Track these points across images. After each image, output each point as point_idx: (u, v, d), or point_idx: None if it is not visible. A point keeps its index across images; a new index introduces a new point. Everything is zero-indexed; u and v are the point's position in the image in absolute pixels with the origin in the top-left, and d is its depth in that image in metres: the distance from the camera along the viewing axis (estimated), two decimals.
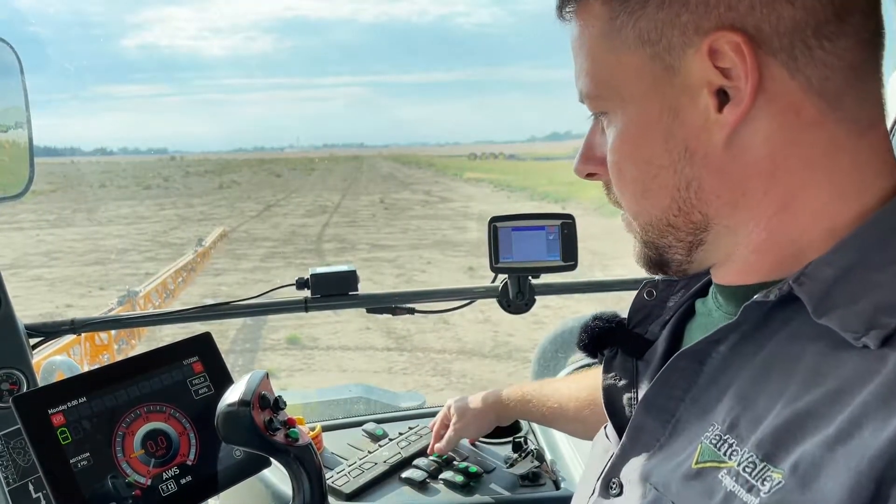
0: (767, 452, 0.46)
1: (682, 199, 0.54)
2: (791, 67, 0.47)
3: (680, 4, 0.49)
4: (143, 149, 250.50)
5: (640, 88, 0.53)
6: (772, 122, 0.49)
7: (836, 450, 0.42)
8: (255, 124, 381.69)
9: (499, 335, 9.91)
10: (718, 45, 0.48)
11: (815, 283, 0.48)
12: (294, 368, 8.93)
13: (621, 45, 0.53)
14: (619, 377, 0.68)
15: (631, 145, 0.55)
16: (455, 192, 37.49)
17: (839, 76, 0.48)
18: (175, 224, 26.60)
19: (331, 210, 30.43)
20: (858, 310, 0.46)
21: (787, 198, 0.50)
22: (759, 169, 0.50)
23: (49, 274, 16.57)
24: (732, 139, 0.50)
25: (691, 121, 0.51)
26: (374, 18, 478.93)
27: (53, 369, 1.33)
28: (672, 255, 0.57)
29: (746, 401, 0.50)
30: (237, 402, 0.86)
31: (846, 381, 0.44)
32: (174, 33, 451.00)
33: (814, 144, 0.49)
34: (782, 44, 0.47)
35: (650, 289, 0.70)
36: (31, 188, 1.18)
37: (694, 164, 0.52)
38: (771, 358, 0.50)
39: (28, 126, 1.14)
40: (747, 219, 0.52)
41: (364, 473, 1.17)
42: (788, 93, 0.48)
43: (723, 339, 0.54)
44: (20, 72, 1.11)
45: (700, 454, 0.51)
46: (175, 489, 0.89)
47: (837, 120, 0.49)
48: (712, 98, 0.50)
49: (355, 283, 1.35)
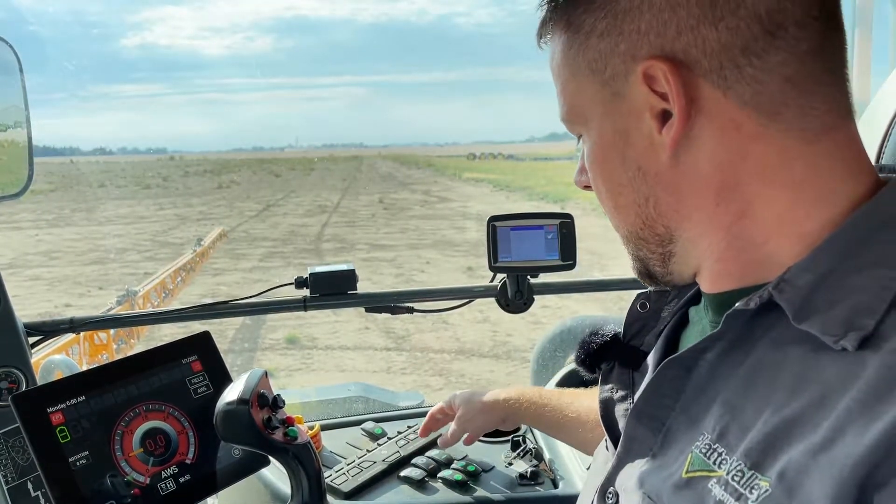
0: (755, 461, 0.46)
1: (644, 214, 0.57)
2: (722, 86, 0.50)
3: (617, 34, 0.53)
4: (143, 148, 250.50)
5: (596, 113, 0.57)
6: (713, 139, 0.51)
7: (820, 457, 0.42)
8: (254, 124, 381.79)
9: (497, 335, 9.91)
10: (652, 72, 0.51)
11: (795, 290, 0.49)
12: (293, 368, 8.92)
13: (578, 73, 0.57)
14: (616, 389, 0.69)
15: (598, 165, 0.59)
16: (454, 192, 37.48)
17: (774, 90, 0.49)
18: (174, 224, 26.58)
19: (330, 210, 30.42)
20: (837, 313, 0.47)
21: (743, 207, 0.52)
22: (709, 183, 0.52)
23: (48, 273, 16.56)
24: (677, 157, 0.53)
25: (639, 142, 0.54)
26: (374, 18, 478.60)
27: (52, 368, 1.33)
28: (653, 266, 0.60)
29: (735, 409, 0.50)
30: (236, 401, 0.87)
31: (829, 387, 0.45)
32: (173, 33, 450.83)
33: (762, 155, 0.50)
34: (711, 65, 0.49)
35: (643, 300, 0.72)
36: (30, 187, 1.18)
37: (647, 181, 0.55)
38: (756, 365, 0.51)
39: (27, 125, 1.14)
40: (706, 230, 0.55)
41: (363, 472, 1.17)
42: (725, 110, 0.50)
43: (709, 348, 0.55)
44: (19, 71, 1.12)
45: (690, 463, 0.51)
46: (174, 488, 0.89)
47: (781, 131, 0.50)
48: (654, 120, 0.53)
49: (354, 282, 1.35)
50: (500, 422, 1.14)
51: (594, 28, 0.54)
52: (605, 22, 0.53)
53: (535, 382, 1.94)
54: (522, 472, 1.17)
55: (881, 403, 0.41)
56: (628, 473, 0.59)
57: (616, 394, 0.69)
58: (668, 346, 0.67)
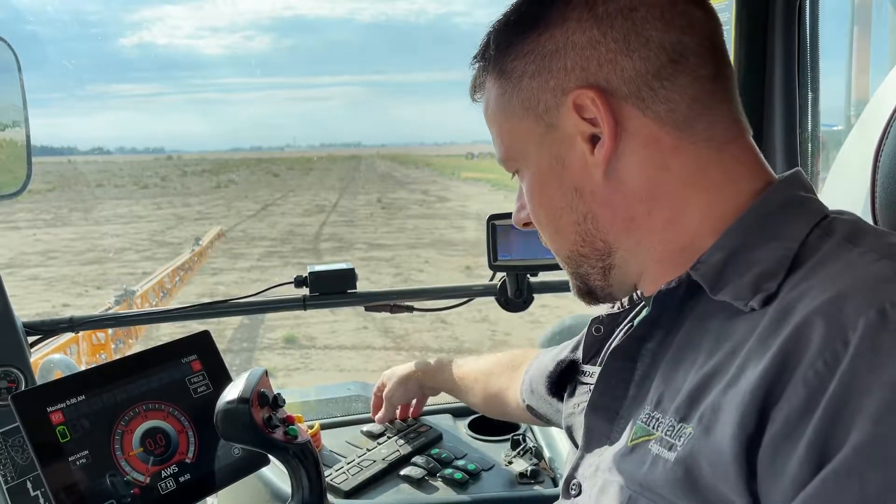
0: (683, 415, 0.54)
1: (584, 232, 0.63)
2: (641, 107, 0.58)
3: (547, 72, 0.60)
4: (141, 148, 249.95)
5: (533, 146, 0.64)
6: (638, 154, 0.59)
7: (729, 393, 0.50)
8: (252, 124, 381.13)
9: (496, 334, 9.92)
10: (581, 101, 0.59)
11: (708, 267, 0.57)
12: (291, 368, 8.93)
13: (512, 114, 0.64)
14: (578, 404, 0.76)
15: (537, 194, 0.66)
16: (452, 192, 37.49)
17: (684, 107, 0.58)
18: (172, 223, 26.56)
19: (328, 209, 30.41)
20: (744, 281, 0.55)
21: (672, 213, 0.59)
22: (639, 194, 0.60)
23: (46, 273, 16.54)
24: (609, 174, 0.60)
25: (574, 165, 0.61)
26: (373, 18, 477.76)
27: (51, 367, 1.33)
28: (593, 281, 0.66)
29: (668, 380, 0.58)
30: (236, 400, 0.87)
31: (739, 340, 0.53)
32: (172, 32, 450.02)
33: (682, 165, 0.58)
34: (630, 89, 0.58)
35: (598, 325, 0.78)
36: (28, 187, 1.18)
37: (584, 200, 0.62)
38: (686, 340, 0.59)
39: (25, 124, 1.14)
40: (642, 238, 0.61)
41: (363, 471, 1.17)
42: (644, 127, 0.58)
43: (648, 337, 0.62)
44: (18, 70, 1.11)
45: (633, 433, 0.59)
46: (174, 487, 0.89)
47: (695, 142, 0.58)
48: (586, 144, 0.60)
49: (353, 281, 1.35)
50: (418, 390, 1.28)
51: (525, 71, 0.62)
52: (534, 65, 0.61)
53: None
54: (522, 470, 1.17)
55: (772, 337, 0.49)
56: (588, 462, 0.65)
57: (577, 408, 0.75)
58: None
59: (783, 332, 0.49)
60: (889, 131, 0.96)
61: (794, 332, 0.48)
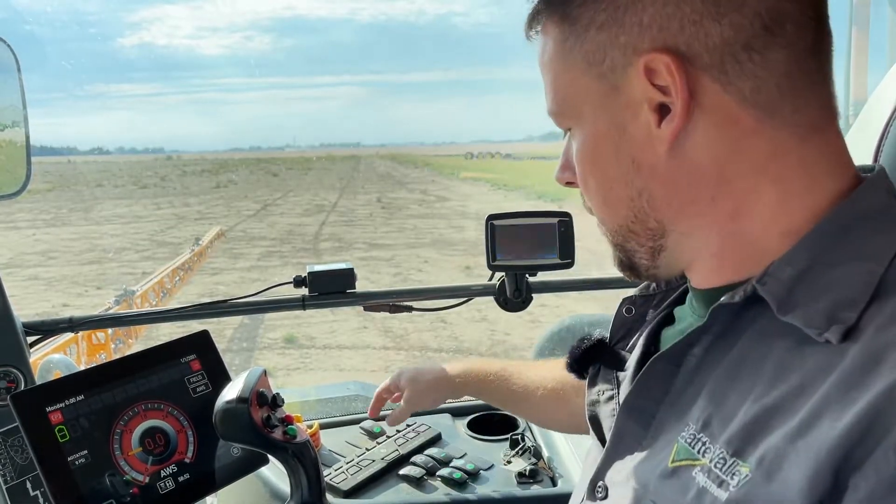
0: (737, 448, 0.48)
1: (636, 208, 0.57)
2: (723, 81, 0.50)
3: (618, 27, 0.52)
4: (140, 148, 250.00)
5: (591, 106, 0.56)
6: (711, 133, 0.51)
7: (798, 442, 0.44)
8: (252, 124, 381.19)
9: (496, 334, 9.92)
10: (653, 65, 0.51)
11: (778, 283, 0.50)
12: (291, 367, 8.92)
13: (573, 66, 0.56)
14: (603, 391, 0.71)
15: (589, 159, 0.59)
16: (452, 192, 37.47)
17: (772, 86, 0.50)
18: (172, 223, 26.54)
19: (328, 209, 30.40)
20: (819, 307, 0.48)
21: (736, 203, 0.53)
22: (705, 177, 0.53)
23: (45, 273, 16.53)
24: (675, 151, 0.53)
25: (635, 135, 0.54)
26: (372, 18, 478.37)
27: (51, 367, 1.33)
28: (639, 259, 0.60)
29: (718, 400, 0.52)
30: (235, 399, 0.87)
31: (809, 376, 0.46)
32: (171, 32, 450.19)
33: (757, 151, 0.51)
34: (713, 60, 0.50)
35: (629, 305, 0.73)
36: (28, 187, 1.18)
37: (642, 175, 0.55)
38: (740, 357, 0.52)
39: (25, 124, 1.14)
40: (700, 225, 0.55)
41: (362, 470, 1.17)
42: (723, 104, 0.51)
43: (696, 342, 0.56)
44: (17, 70, 1.11)
45: (676, 453, 0.53)
46: (173, 487, 0.89)
47: (776, 127, 0.51)
48: (653, 114, 0.52)
49: (353, 280, 1.35)
50: (447, 397, 1.12)
51: (593, 20, 0.54)
52: (604, 14, 0.53)
53: None
54: (521, 470, 1.17)
55: (856, 389, 0.43)
56: (618, 468, 0.60)
57: (602, 396, 0.70)
58: (650, 343, 0.68)
59: (872, 388, 0.42)
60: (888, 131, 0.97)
61: (887, 392, 0.41)
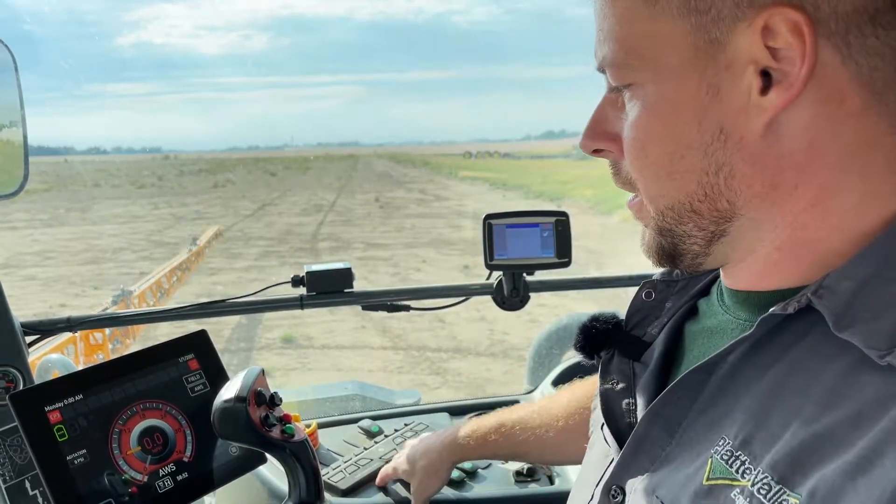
0: (783, 475, 0.43)
1: (709, 185, 0.49)
2: (844, 53, 0.44)
3: None
4: (138, 147, 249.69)
5: (677, 61, 0.48)
6: (814, 110, 0.45)
7: (857, 478, 0.39)
8: (250, 123, 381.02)
9: (494, 333, 9.93)
10: (774, 23, 0.44)
11: (836, 296, 0.45)
12: (289, 367, 8.92)
13: (661, 12, 0.48)
14: (617, 381, 0.65)
15: (660, 122, 0.50)
16: (450, 191, 37.49)
17: (889, 67, 0.44)
18: (169, 223, 26.52)
19: (326, 209, 30.39)
20: (881, 325, 0.43)
21: (818, 194, 0.47)
22: (794, 160, 0.47)
23: (43, 273, 16.51)
24: (771, 125, 0.46)
25: (731, 101, 0.47)
26: (371, 17, 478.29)
27: (49, 367, 1.33)
28: (689, 245, 0.53)
29: (760, 416, 0.47)
30: (233, 399, 0.87)
31: (867, 405, 0.41)
32: (169, 31, 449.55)
33: (853, 137, 0.46)
34: (838, 27, 0.44)
35: (649, 289, 0.67)
36: (25, 187, 1.18)
37: (727, 148, 0.48)
38: (787, 371, 0.47)
39: (23, 124, 1.14)
40: (775, 213, 0.49)
41: (360, 470, 1.17)
42: (837, 80, 0.45)
43: (732, 349, 0.51)
44: (15, 70, 1.11)
45: (711, 470, 0.48)
46: (171, 486, 0.89)
47: (880, 113, 0.45)
48: (757, 79, 0.45)
49: (351, 280, 1.35)
50: (451, 470, 1.06)
51: None
52: None
53: (530, 380, 1.95)
54: (519, 468, 1.17)
55: None
56: (638, 474, 0.56)
57: (617, 386, 0.65)
58: (672, 337, 0.64)
59: None
60: None
61: None
